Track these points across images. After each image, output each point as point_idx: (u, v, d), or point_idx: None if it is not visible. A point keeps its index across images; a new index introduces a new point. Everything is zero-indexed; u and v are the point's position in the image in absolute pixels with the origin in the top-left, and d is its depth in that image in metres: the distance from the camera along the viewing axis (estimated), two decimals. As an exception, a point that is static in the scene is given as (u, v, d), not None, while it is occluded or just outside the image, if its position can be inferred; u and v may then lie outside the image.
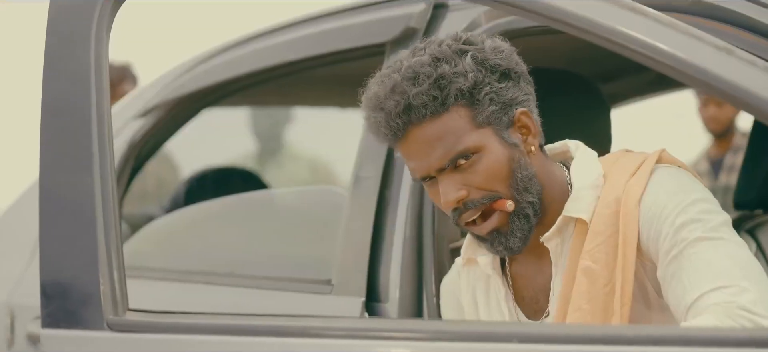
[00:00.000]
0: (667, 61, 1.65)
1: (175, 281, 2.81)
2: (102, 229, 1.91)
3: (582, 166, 2.02)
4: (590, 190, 1.97)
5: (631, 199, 1.92)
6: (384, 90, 1.94)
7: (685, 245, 1.86)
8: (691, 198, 1.89)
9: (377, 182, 2.37)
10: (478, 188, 1.95)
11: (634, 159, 1.99)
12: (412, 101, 1.92)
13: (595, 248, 1.93)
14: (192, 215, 3.10)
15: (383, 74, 1.97)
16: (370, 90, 1.97)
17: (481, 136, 1.95)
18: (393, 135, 1.95)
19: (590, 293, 1.92)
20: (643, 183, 1.93)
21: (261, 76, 2.86)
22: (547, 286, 2.05)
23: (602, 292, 1.91)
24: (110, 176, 1.93)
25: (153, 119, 3.06)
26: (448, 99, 1.93)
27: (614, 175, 1.98)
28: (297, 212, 2.80)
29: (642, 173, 1.95)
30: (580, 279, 1.93)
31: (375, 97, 1.95)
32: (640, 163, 1.97)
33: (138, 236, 3.10)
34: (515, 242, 1.97)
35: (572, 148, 2.08)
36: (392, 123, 1.94)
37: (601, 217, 1.94)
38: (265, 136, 5.93)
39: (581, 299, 1.92)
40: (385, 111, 1.94)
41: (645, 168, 1.96)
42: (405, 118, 1.93)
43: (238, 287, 2.66)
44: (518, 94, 1.98)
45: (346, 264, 2.39)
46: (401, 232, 2.32)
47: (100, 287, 1.90)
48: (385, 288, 2.31)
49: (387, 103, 1.93)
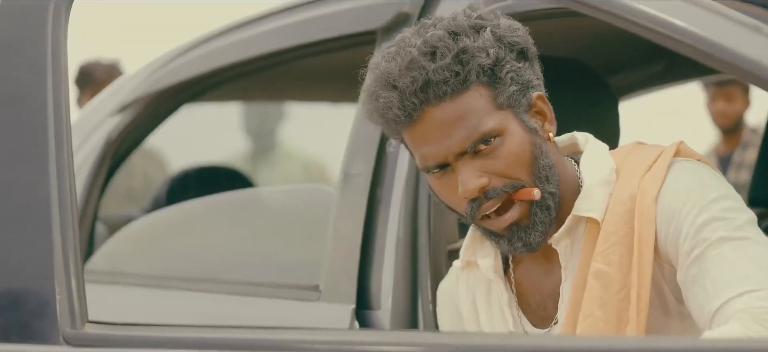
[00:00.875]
0: (686, 40, 1.57)
1: (152, 287, 2.77)
2: (58, 232, 1.80)
3: (592, 161, 1.94)
4: (602, 186, 1.89)
5: (647, 196, 1.84)
6: (398, 66, 1.83)
7: (707, 245, 1.78)
8: (713, 195, 1.81)
9: (368, 178, 2.30)
10: (499, 175, 1.86)
11: (649, 152, 1.91)
12: (432, 77, 1.82)
13: (607, 250, 1.85)
14: (171, 216, 3.04)
15: (393, 51, 1.86)
16: (380, 67, 1.86)
17: (502, 119, 1.86)
18: (406, 117, 1.84)
19: (603, 298, 1.84)
20: (660, 178, 1.85)
21: (242, 68, 2.80)
22: (556, 291, 1.96)
23: (616, 297, 1.83)
24: (68, 174, 1.81)
25: (131, 115, 3.01)
26: (470, 76, 1.83)
27: (628, 170, 1.90)
28: (282, 213, 2.74)
29: (658, 168, 1.86)
30: (591, 283, 1.84)
31: (387, 74, 1.84)
32: (655, 156, 1.89)
33: (114, 239, 3.04)
34: (535, 237, 1.88)
35: (581, 141, 2.00)
36: (407, 102, 1.83)
37: (614, 216, 1.86)
38: (257, 134, 5.85)
39: (593, 305, 1.84)
40: (399, 89, 1.83)
41: (662, 162, 1.87)
42: (422, 97, 1.83)
43: (218, 294, 2.59)
44: (533, 77, 1.91)
45: (335, 269, 2.32)
46: (394, 233, 2.26)
47: (56, 297, 1.80)
48: (377, 295, 2.25)
49: (402, 80, 1.82)
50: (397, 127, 1.88)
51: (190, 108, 3.18)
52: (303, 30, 2.61)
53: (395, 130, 1.89)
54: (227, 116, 6.27)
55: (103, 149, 2.99)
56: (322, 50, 2.63)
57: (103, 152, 2.99)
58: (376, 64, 1.88)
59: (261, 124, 6.05)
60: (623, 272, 1.83)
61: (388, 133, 1.93)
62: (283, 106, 5.94)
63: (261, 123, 6.05)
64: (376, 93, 1.87)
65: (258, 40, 2.71)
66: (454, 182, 1.87)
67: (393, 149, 2.29)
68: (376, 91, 1.87)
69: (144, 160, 5.50)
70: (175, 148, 5.60)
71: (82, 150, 3.02)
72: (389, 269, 2.25)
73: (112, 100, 3.09)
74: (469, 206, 1.87)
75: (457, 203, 1.89)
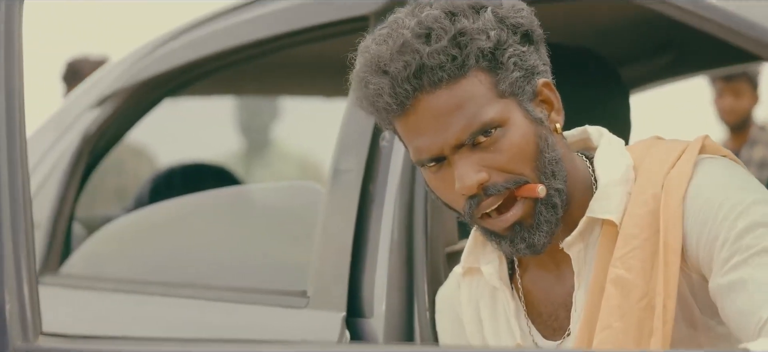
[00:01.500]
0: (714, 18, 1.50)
1: (130, 292, 2.67)
2: (9, 235, 1.68)
3: (608, 158, 1.84)
4: (619, 186, 1.80)
5: (672, 196, 1.74)
6: (389, 49, 1.75)
7: (751, 253, 1.66)
8: (752, 198, 1.71)
9: (359, 174, 2.22)
10: (500, 170, 1.77)
11: (671, 148, 1.80)
12: (426, 61, 1.73)
13: (628, 254, 1.75)
14: (151, 217, 2.96)
15: (384, 33, 1.78)
16: (369, 50, 1.78)
17: (504, 108, 1.77)
18: (398, 105, 1.76)
19: (622, 307, 1.73)
20: (687, 177, 1.75)
21: (227, 58, 2.72)
22: (568, 300, 1.86)
23: (637, 307, 1.72)
24: (20, 170, 1.68)
25: (111, 109, 2.94)
26: (469, 60, 1.75)
27: (648, 167, 1.80)
28: (268, 212, 2.67)
29: (684, 165, 1.76)
30: (609, 291, 1.74)
31: (377, 59, 1.76)
32: (679, 153, 1.79)
33: (91, 240, 2.94)
34: (540, 238, 1.78)
35: (594, 135, 1.90)
36: (399, 89, 1.74)
37: (634, 217, 1.76)
38: (250, 130, 5.78)
39: (611, 315, 1.73)
40: (391, 74, 1.74)
41: (687, 159, 1.77)
42: (415, 83, 1.74)
43: (199, 300, 2.50)
44: (539, 62, 1.82)
45: (324, 273, 2.25)
46: (388, 233, 2.18)
47: (5, 307, 1.66)
48: (370, 301, 2.17)
49: (394, 64, 1.74)
50: (388, 117, 1.80)
51: (183, 104, 3.09)
52: (291, 17, 2.53)
53: (387, 119, 1.81)
54: (221, 112, 6.27)
55: (81, 145, 2.91)
56: (312, 38, 2.54)
57: (80, 148, 2.92)
58: (366, 48, 1.80)
59: (254, 120, 5.99)
60: (645, 279, 1.74)
61: (379, 123, 1.86)
62: (276, 100, 5.88)
63: (254, 119, 6.00)
64: (365, 79, 1.78)
65: (243, 27, 2.63)
66: (450, 177, 1.79)
67: (386, 143, 2.21)
68: (365, 77, 1.78)
69: (135, 159, 5.44)
70: (167, 145, 5.58)
71: (59, 146, 2.96)
72: (383, 273, 2.18)
73: (92, 93, 3.02)
74: (467, 204, 1.79)
75: (455, 199, 1.81)
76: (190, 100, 4.01)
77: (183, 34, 2.80)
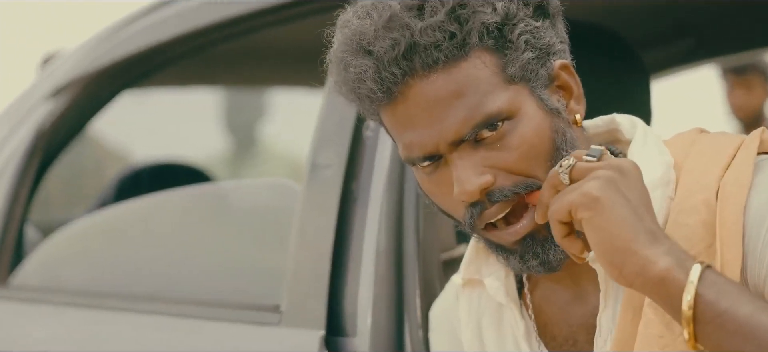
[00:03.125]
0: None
1: (84, 307, 2.57)
2: None
3: (644, 154, 1.65)
4: (659, 189, 1.60)
5: (731, 204, 1.53)
6: (374, 24, 1.57)
7: None
8: None
9: (340, 170, 2.10)
10: (508, 172, 1.59)
11: (722, 144, 1.61)
12: (419, 39, 1.56)
13: None
14: (109, 219, 2.84)
15: (368, 4, 1.61)
16: (350, 26, 1.60)
17: (514, 96, 1.59)
18: (384, 92, 1.59)
19: (665, 338, 1.52)
20: (747, 182, 1.55)
21: (192, 42, 2.59)
22: (590, 321, 1.67)
23: (681, 338, 1.50)
24: None
25: (66, 100, 2.86)
26: (470, 38, 1.57)
27: (694, 167, 1.61)
28: (237, 213, 2.54)
29: (742, 166, 1.57)
30: (648, 317, 1.52)
31: (359, 36, 1.58)
32: (733, 150, 1.59)
33: (44, 246, 2.85)
34: (556, 254, 1.60)
35: (625, 127, 1.71)
36: (385, 73, 1.57)
37: (680, 227, 1.55)
38: (237, 130, 5.73)
39: (650, 345, 1.52)
40: (376, 55, 1.57)
41: (745, 158, 1.58)
42: (405, 66, 1.57)
43: (159, 315, 2.39)
44: (555, 40, 1.63)
45: (300, 284, 2.13)
46: (373, 238, 2.06)
47: None
48: (352, 317, 2.06)
49: (379, 43, 1.57)
50: (372, 106, 1.62)
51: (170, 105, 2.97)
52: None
53: (371, 109, 1.64)
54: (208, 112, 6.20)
55: (34, 140, 2.87)
56: (285, 18, 2.42)
57: (33, 144, 2.87)
58: (346, 22, 1.62)
59: (241, 118, 5.91)
60: None
61: (362, 112, 1.68)
62: (263, 96, 5.81)
63: (242, 117, 5.91)
64: (345, 60, 1.60)
65: (208, 7, 2.50)
66: (448, 180, 1.63)
67: (371, 133, 2.08)
68: (345, 58, 1.60)
69: (108, 160, 5.39)
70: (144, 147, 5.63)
71: (10, 142, 2.93)
72: (367, 285, 2.05)
73: (47, 83, 2.95)
74: (468, 212, 1.62)
75: (453, 206, 1.64)
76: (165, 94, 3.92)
77: (146, 16, 2.70)
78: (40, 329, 2.55)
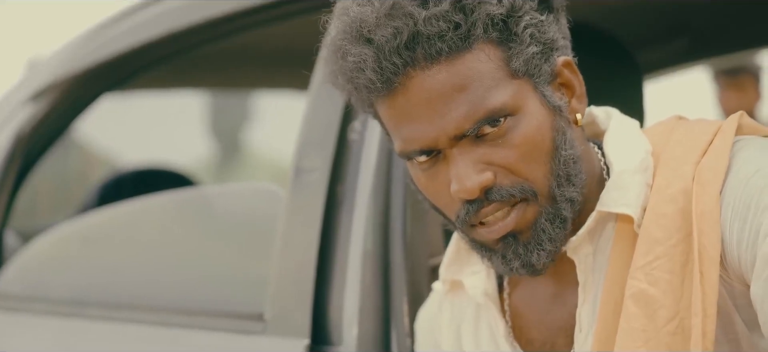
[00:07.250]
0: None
1: (64, 315, 2.54)
2: None
3: (621, 142, 1.64)
4: (637, 175, 1.58)
5: (707, 190, 1.51)
6: (375, 12, 1.52)
7: None
8: None
9: (325, 174, 2.07)
10: (508, 170, 1.55)
11: (700, 130, 1.58)
12: (422, 29, 1.50)
13: (652, 264, 1.53)
14: (90, 226, 2.79)
15: None
16: (349, 13, 1.54)
17: (517, 91, 1.55)
18: (384, 83, 1.53)
19: (647, 331, 1.50)
20: (724, 165, 1.53)
21: (175, 43, 2.56)
22: (570, 323, 1.64)
23: (665, 330, 1.50)
24: None
25: (46, 104, 2.84)
26: (475, 29, 1.52)
27: (673, 154, 1.58)
28: (220, 219, 2.50)
29: (719, 151, 1.54)
30: (630, 310, 1.51)
31: (359, 23, 1.52)
32: (711, 135, 1.57)
33: (21, 256, 2.81)
34: (541, 257, 1.56)
35: (601, 117, 1.69)
36: (386, 63, 1.52)
37: (659, 217, 1.53)
38: (221, 134, 5.71)
39: (634, 340, 1.50)
40: (376, 44, 1.51)
41: (722, 143, 1.56)
42: (407, 56, 1.51)
43: (141, 324, 2.35)
44: (558, 35, 1.60)
45: (284, 292, 2.10)
46: (359, 244, 2.04)
47: None
48: (338, 326, 2.03)
49: (380, 31, 1.51)
50: (369, 97, 1.57)
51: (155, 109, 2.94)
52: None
53: (367, 100, 1.58)
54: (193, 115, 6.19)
55: (13, 145, 2.87)
56: (272, 17, 2.38)
57: (12, 149, 2.86)
58: (345, 9, 1.56)
59: (223, 120, 5.90)
60: (675, 296, 1.52)
61: (356, 104, 1.62)
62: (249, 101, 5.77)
63: (223, 119, 5.90)
64: (343, 48, 1.54)
65: (192, 7, 2.46)
66: (445, 176, 1.58)
67: (357, 135, 2.06)
68: (343, 46, 1.54)
69: (96, 167, 5.39)
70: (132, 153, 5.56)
71: None
72: (353, 292, 2.03)
73: (26, 87, 2.92)
74: (464, 209, 1.58)
75: (448, 204, 1.60)
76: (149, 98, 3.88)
77: (128, 17, 2.67)
78: (19, 338, 2.52)
